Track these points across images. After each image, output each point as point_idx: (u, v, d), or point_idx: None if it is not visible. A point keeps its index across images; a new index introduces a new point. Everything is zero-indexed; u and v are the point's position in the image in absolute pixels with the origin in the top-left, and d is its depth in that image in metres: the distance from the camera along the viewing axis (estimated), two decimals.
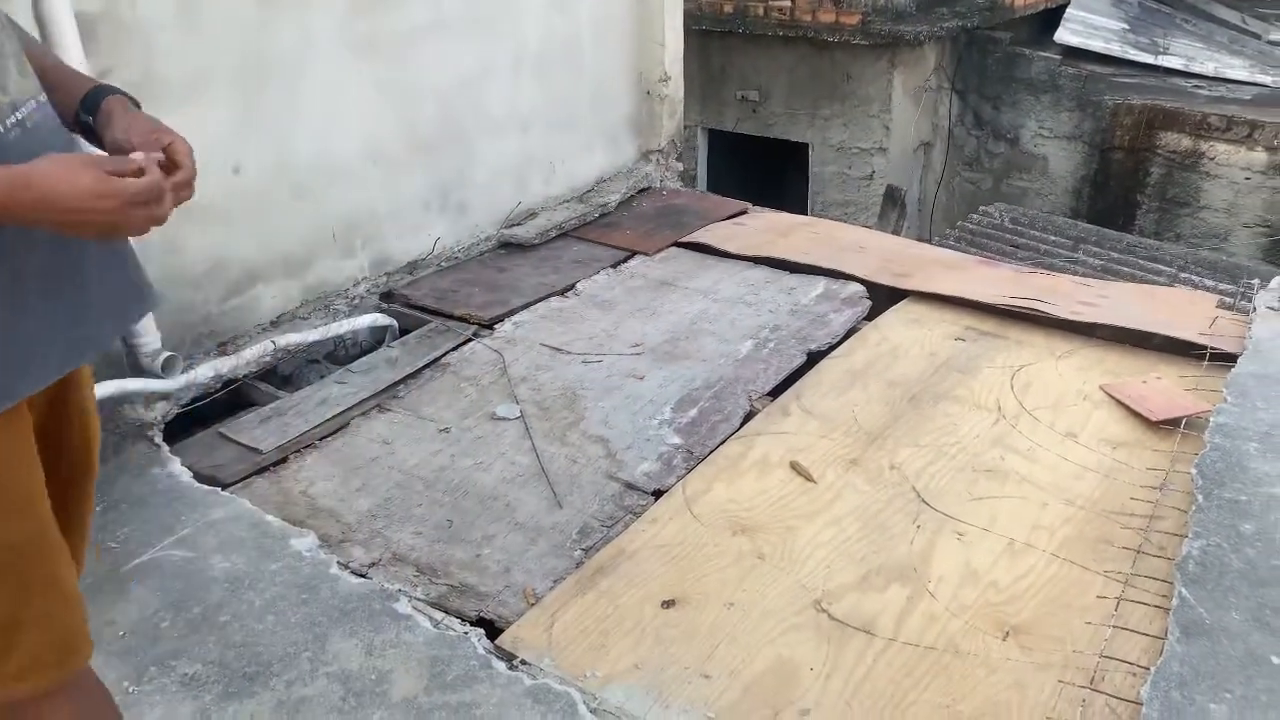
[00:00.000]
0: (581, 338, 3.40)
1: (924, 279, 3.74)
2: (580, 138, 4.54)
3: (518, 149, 4.19)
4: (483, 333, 3.44)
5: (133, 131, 1.34)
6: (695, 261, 4.05)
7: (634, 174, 4.82)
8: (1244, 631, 1.97)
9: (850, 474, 2.64)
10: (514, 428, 2.87)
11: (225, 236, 3.13)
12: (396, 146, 3.64)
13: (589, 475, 2.66)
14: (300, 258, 3.40)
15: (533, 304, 3.63)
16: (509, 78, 4.07)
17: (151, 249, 2.88)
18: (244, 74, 3.08)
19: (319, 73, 3.30)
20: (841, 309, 3.59)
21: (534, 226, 4.19)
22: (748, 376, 3.13)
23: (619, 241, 4.20)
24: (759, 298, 3.70)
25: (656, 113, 4.86)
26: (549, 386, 3.08)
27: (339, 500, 2.57)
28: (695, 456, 2.73)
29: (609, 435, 2.83)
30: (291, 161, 3.28)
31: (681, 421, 2.89)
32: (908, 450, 2.74)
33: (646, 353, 3.29)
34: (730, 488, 2.58)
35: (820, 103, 7.73)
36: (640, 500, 2.56)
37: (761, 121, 8.07)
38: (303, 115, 3.28)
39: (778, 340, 3.36)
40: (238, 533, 2.32)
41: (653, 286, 3.81)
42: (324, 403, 2.99)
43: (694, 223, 4.40)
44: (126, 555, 2.23)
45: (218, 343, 3.18)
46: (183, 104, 2.93)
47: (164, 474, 2.53)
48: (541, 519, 2.49)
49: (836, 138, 7.76)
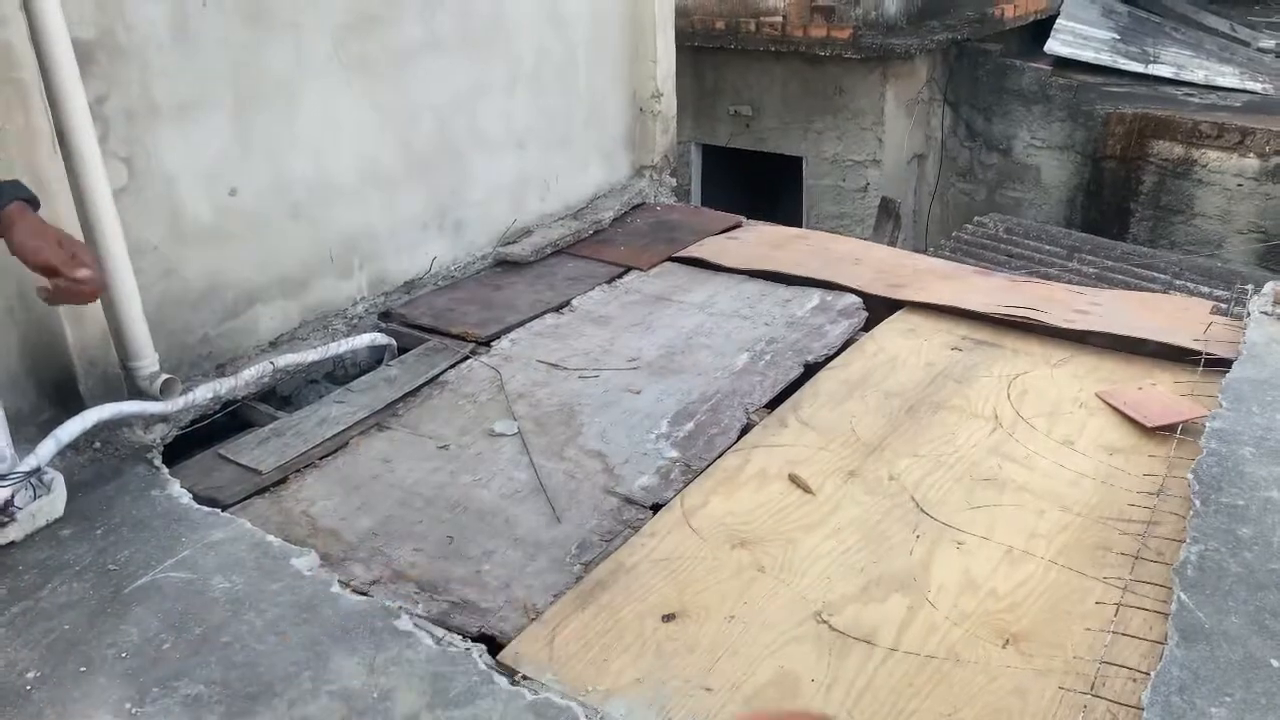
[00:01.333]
0: (578, 353, 3.41)
1: (919, 289, 3.76)
2: (575, 155, 4.56)
3: (513, 167, 4.22)
4: (480, 350, 3.45)
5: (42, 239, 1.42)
6: (690, 276, 4.07)
7: (628, 190, 4.85)
8: (1243, 635, 1.97)
9: (849, 485, 2.65)
10: (512, 444, 2.88)
11: (222, 258, 3.15)
12: (393, 166, 3.67)
13: (587, 490, 2.66)
14: (298, 278, 3.41)
15: (529, 321, 3.64)
16: (504, 96, 4.10)
17: (147, 274, 2.91)
18: (240, 95, 3.10)
19: (314, 93, 3.32)
20: (838, 320, 3.61)
21: (530, 244, 4.21)
22: (744, 389, 3.14)
23: (614, 257, 4.22)
24: (755, 311, 3.71)
25: (650, 129, 4.89)
26: (546, 402, 3.09)
27: (340, 519, 2.57)
28: (693, 470, 2.73)
29: (606, 450, 2.84)
30: (288, 182, 3.30)
31: (678, 435, 2.90)
32: (906, 460, 2.75)
33: (643, 367, 3.30)
34: (728, 500, 2.59)
35: (813, 116, 7.78)
36: (638, 514, 2.56)
37: (755, 136, 8.11)
38: (299, 136, 3.30)
39: (774, 353, 3.38)
40: (238, 553, 2.32)
41: (648, 301, 3.83)
42: (323, 422, 2.99)
43: (688, 237, 4.42)
44: (127, 577, 2.24)
45: (216, 364, 3.19)
46: (179, 126, 2.95)
47: (163, 496, 2.53)
48: (540, 534, 2.49)
49: (830, 150, 7.80)
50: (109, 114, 2.77)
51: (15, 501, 2.34)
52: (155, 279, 2.97)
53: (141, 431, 2.80)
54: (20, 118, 2.48)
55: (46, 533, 2.39)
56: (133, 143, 2.85)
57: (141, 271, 2.89)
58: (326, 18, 3.31)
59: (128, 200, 2.84)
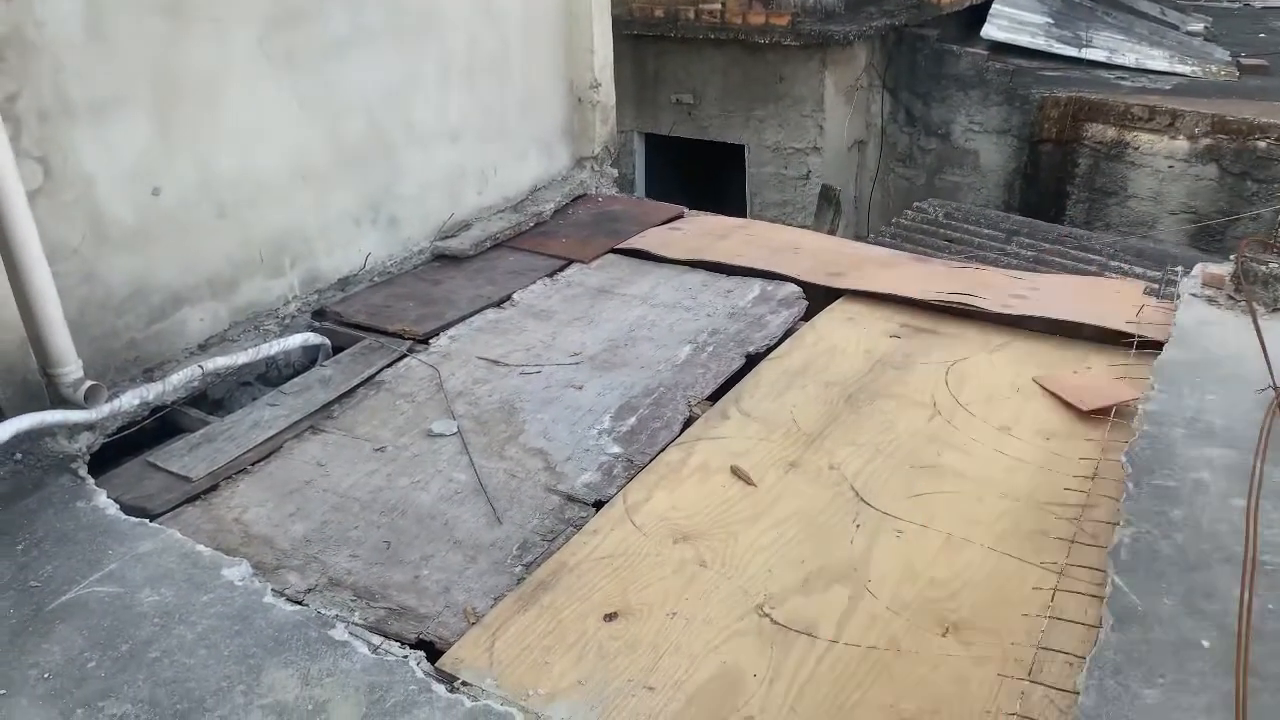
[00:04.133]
0: (519, 349, 3.37)
1: (858, 277, 3.77)
2: (512, 147, 4.51)
3: (448, 160, 4.15)
4: (418, 348, 3.39)
5: None
6: (632, 268, 4.04)
7: (569, 182, 4.81)
8: (1175, 617, 2.00)
9: (790, 476, 2.65)
10: (451, 444, 2.83)
11: (146, 260, 3.05)
12: (323, 161, 3.59)
13: (528, 489, 2.63)
14: (227, 278, 3.33)
15: (469, 317, 3.59)
16: (436, 88, 4.03)
17: (67, 278, 2.81)
18: (160, 92, 3.01)
19: (239, 89, 3.23)
20: (778, 310, 3.60)
21: (468, 238, 4.15)
22: (687, 382, 3.13)
23: (555, 250, 4.18)
24: (696, 302, 3.70)
25: (589, 120, 4.84)
26: (486, 400, 3.05)
27: (273, 526, 2.51)
28: (635, 465, 2.71)
29: (548, 447, 2.80)
30: (214, 180, 3.21)
31: (621, 430, 2.87)
32: (846, 450, 2.75)
33: (585, 361, 3.27)
34: (671, 495, 2.57)
35: (754, 104, 7.78)
36: (581, 512, 2.54)
37: (697, 124, 8.09)
38: (224, 133, 3.21)
39: (716, 344, 3.37)
40: (167, 564, 2.26)
41: (590, 294, 3.79)
42: (256, 426, 2.92)
43: (630, 229, 4.39)
44: (50, 594, 2.16)
45: (144, 369, 3.10)
46: (97, 125, 2.85)
47: (89, 508, 2.45)
48: (481, 536, 2.46)
49: (772, 138, 7.81)
50: (20, 113, 2.67)
51: None
52: (76, 283, 2.87)
53: (65, 441, 2.71)
54: None
55: None
56: (47, 142, 2.74)
57: (62, 275, 2.80)
58: (250, 10, 3.22)
59: (44, 202, 2.74)
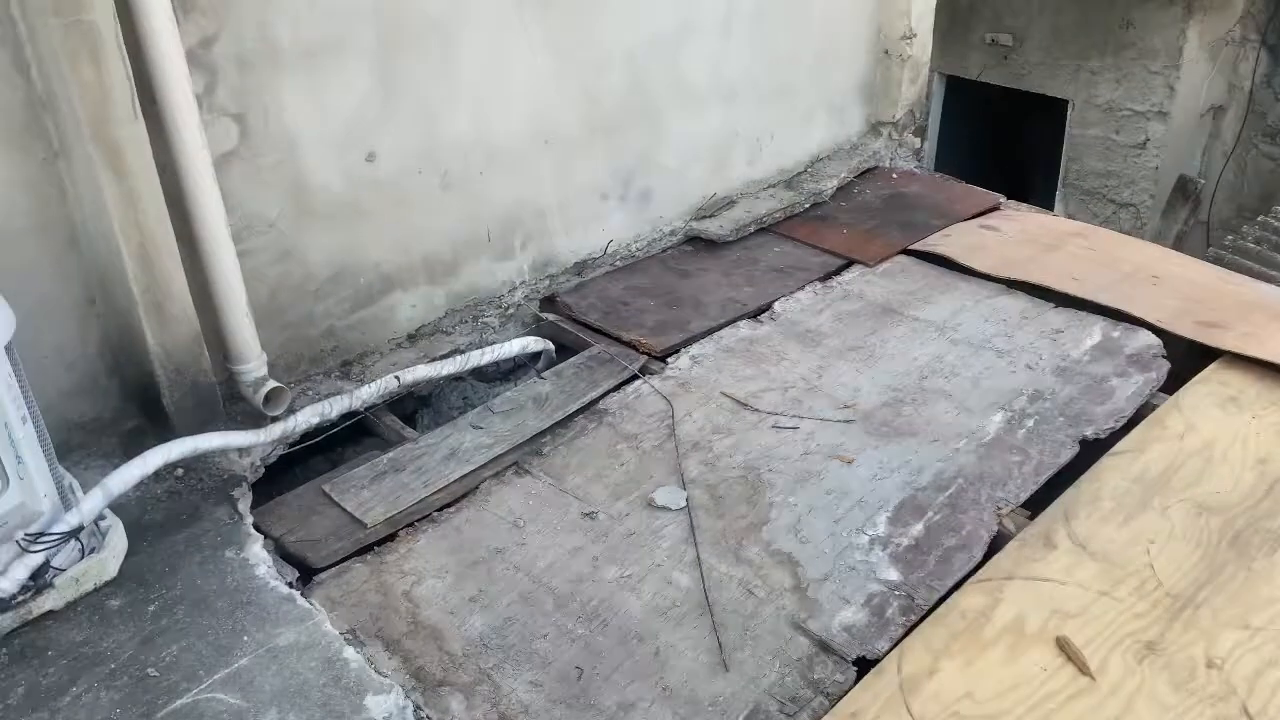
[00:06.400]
0: (775, 386, 2.68)
1: (1246, 334, 2.78)
2: (797, 107, 3.74)
3: (720, 124, 3.45)
4: (653, 366, 2.78)
5: None
6: (929, 279, 3.22)
7: (858, 152, 3.99)
8: None
9: (1146, 668, 1.84)
10: (677, 523, 2.22)
11: (354, 237, 2.60)
12: (571, 124, 2.99)
13: (768, 618, 1.97)
14: (447, 259, 2.83)
15: (717, 330, 2.93)
16: (715, 37, 3.31)
17: (259, 256, 2.39)
18: (385, 37, 2.49)
19: (477, 36, 2.67)
20: (1127, 372, 2.70)
21: (729, 219, 3.46)
22: (996, 474, 2.34)
23: (832, 243, 3.42)
24: (1013, 343, 2.85)
25: (894, 77, 3.97)
26: (726, 461, 2.40)
27: (448, 613, 2.01)
28: (918, 607, 1.99)
29: (800, 553, 2.13)
30: (440, 145, 2.70)
31: (901, 542, 2.14)
32: (1233, 635, 1.90)
33: (858, 420, 2.54)
34: (966, 672, 1.84)
35: (1089, 52, 6.51)
36: (836, 672, 1.86)
37: (1012, 71, 6.92)
38: (456, 89, 2.68)
39: (1039, 415, 2.53)
40: (304, 673, 1.79)
41: (872, 313, 3.03)
42: (452, 456, 2.43)
43: (929, 221, 3.55)
44: (165, 692, 1.75)
45: (341, 361, 2.68)
46: (307, 75, 2.38)
47: (238, 560, 2.03)
48: (699, 686, 1.84)
49: (1105, 95, 6.53)
50: (216, 60, 2.22)
51: (55, 562, 1.89)
52: (270, 262, 2.45)
53: (235, 455, 2.32)
54: (89, 71, 1.94)
55: (94, 599, 1.93)
56: (246, 96, 2.30)
57: (253, 254, 2.38)
58: None
59: (238, 167, 2.31)
